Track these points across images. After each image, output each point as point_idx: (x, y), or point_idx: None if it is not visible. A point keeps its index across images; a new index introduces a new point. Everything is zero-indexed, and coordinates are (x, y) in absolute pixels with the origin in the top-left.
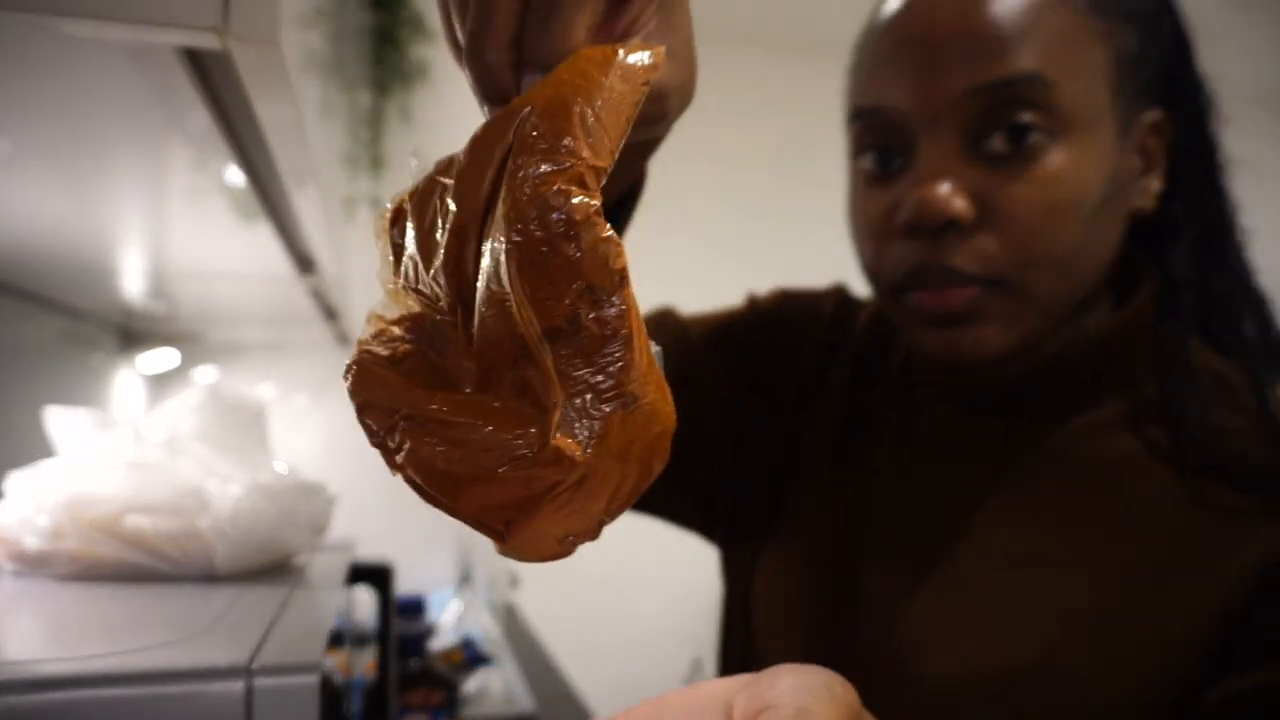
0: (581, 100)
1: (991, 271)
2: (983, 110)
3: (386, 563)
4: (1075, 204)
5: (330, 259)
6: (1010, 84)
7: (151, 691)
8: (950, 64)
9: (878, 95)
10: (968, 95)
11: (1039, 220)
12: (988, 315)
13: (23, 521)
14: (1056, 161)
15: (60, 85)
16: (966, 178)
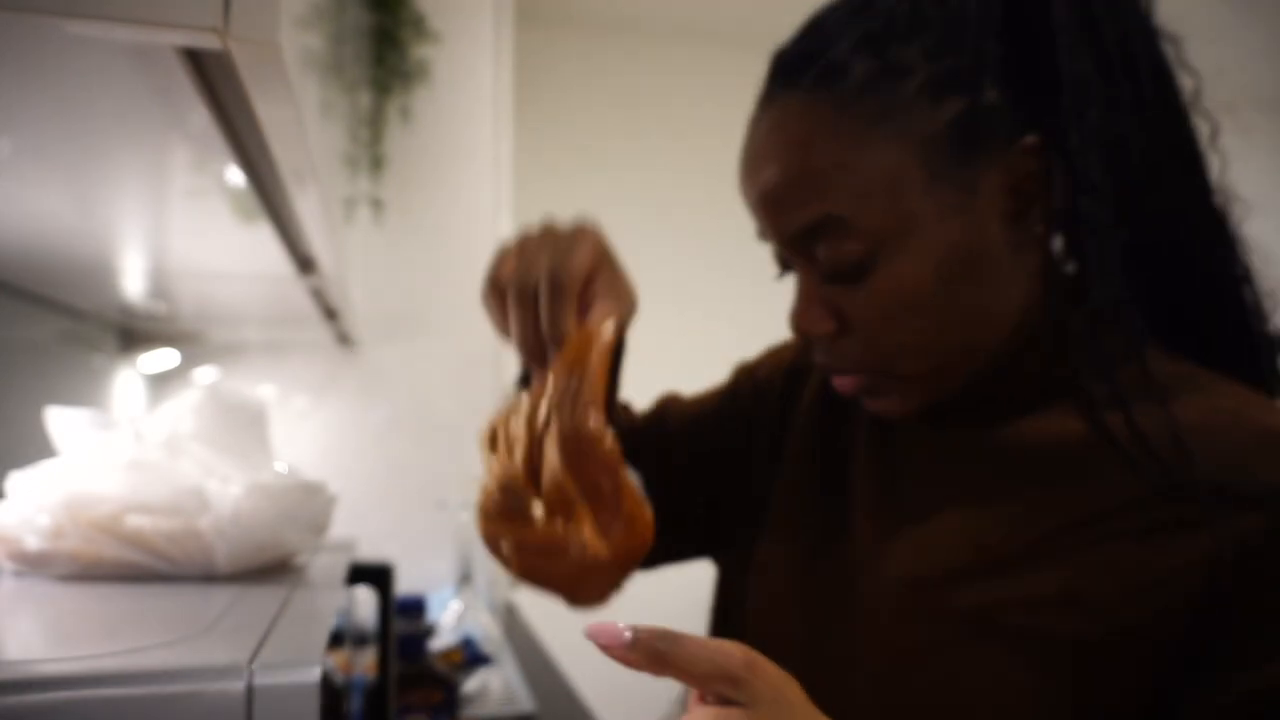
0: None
1: (862, 368)
2: (805, 251)
3: (387, 562)
4: (907, 306)
5: (330, 259)
6: (811, 230)
7: (152, 691)
8: (770, 219)
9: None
10: (790, 243)
11: (883, 325)
12: (882, 392)
13: (23, 521)
14: (880, 276)
15: (61, 85)
16: (824, 293)
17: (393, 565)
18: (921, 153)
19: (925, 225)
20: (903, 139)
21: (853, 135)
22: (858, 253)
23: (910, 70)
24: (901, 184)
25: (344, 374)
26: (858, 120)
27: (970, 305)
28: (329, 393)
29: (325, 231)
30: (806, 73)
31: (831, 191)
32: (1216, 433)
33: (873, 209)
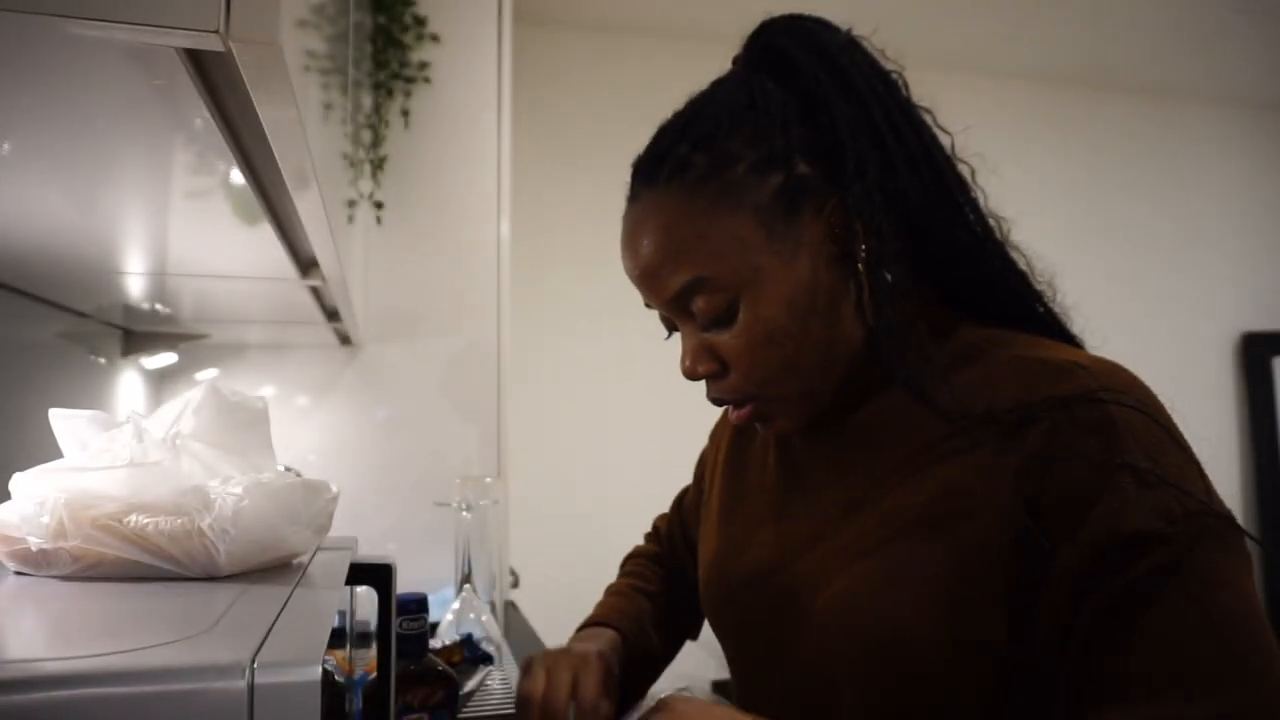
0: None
1: (744, 397)
2: (680, 311)
3: (387, 561)
4: (768, 338)
5: (331, 260)
6: (685, 291)
7: (154, 689)
8: (650, 288)
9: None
10: (668, 303)
11: (750, 359)
12: (769, 415)
13: (25, 520)
14: (744, 319)
15: (63, 86)
16: (702, 340)
17: (393, 564)
18: (758, 217)
19: (772, 273)
20: (742, 209)
21: (703, 212)
22: (724, 302)
23: (737, 158)
24: (747, 243)
25: (345, 374)
26: (704, 200)
27: (818, 331)
28: (330, 393)
29: (326, 232)
30: (659, 172)
31: (695, 258)
32: (1013, 373)
33: (729, 266)
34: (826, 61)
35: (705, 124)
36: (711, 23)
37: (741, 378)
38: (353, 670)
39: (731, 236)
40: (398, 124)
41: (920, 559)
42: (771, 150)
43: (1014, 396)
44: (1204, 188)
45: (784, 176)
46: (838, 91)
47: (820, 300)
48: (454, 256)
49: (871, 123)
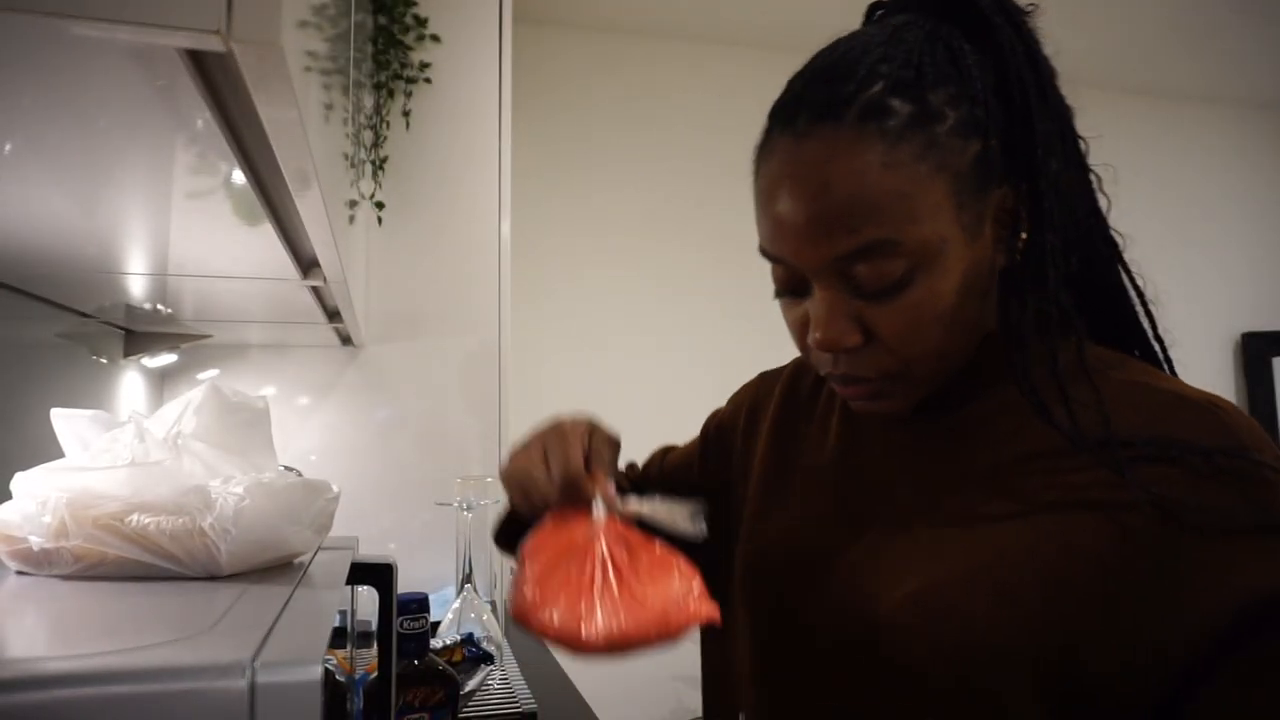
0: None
1: (882, 373)
2: (845, 270)
3: (388, 561)
4: (936, 316)
5: (333, 260)
6: (862, 252)
7: (155, 689)
8: (813, 243)
9: (771, 249)
10: (832, 264)
11: (910, 335)
12: (887, 395)
13: (27, 520)
14: (915, 291)
15: (64, 86)
16: (851, 308)
17: (394, 564)
18: (954, 185)
19: (955, 247)
20: (942, 173)
21: (906, 168)
22: (899, 271)
23: (942, 114)
24: (940, 211)
25: (346, 374)
26: (908, 154)
27: (972, 315)
28: (331, 392)
29: (328, 233)
30: (848, 110)
31: (889, 217)
32: (1134, 398)
33: (920, 233)
34: (1016, 29)
35: (904, 69)
36: (711, 24)
37: (891, 354)
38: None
39: (929, 200)
40: (399, 124)
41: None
42: (973, 115)
43: (1134, 425)
44: (1203, 188)
45: (981, 146)
46: (1031, 69)
47: (983, 283)
48: (455, 257)
49: (1050, 108)
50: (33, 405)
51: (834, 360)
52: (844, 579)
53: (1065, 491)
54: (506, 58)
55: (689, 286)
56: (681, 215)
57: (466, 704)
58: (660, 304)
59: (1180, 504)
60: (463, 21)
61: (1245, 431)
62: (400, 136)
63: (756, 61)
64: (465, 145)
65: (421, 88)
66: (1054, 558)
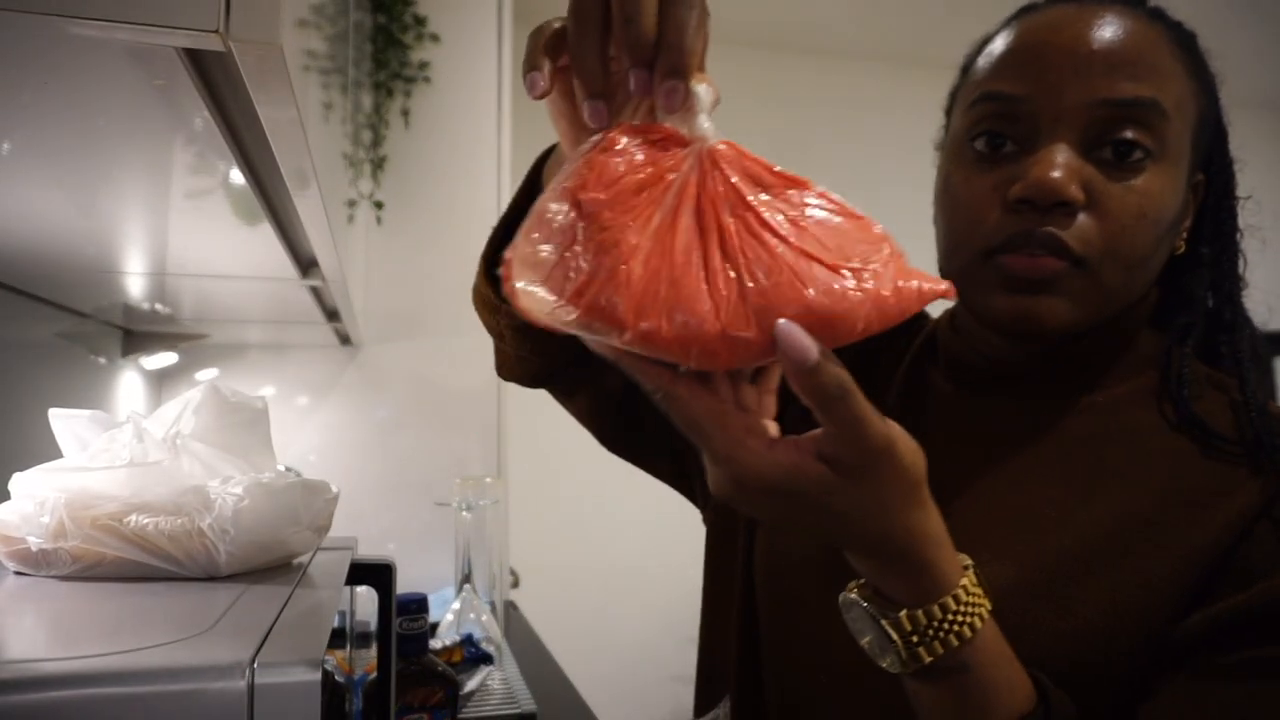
0: None
1: (1083, 251)
2: (1104, 120)
3: (387, 561)
4: (1157, 218)
5: (332, 260)
6: (1135, 104)
7: (154, 689)
8: (1086, 76)
9: (1012, 85)
10: (1096, 105)
11: (1131, 222)
12: (1064, 289)
13: (25, 520)
14: (1151, 180)
15: (62, 86)
16: (1079, 170)
17: (393, 564)
18: (1196, 122)
19: (1179, 173)
20: (1194, 102)
21: (1182, 71)
22: (1148, 148)
23: (1202, 63)
24: (1186, 129)
25: (345, 374)
26: (1185, 64)
27: (1159, 257)
28: (330, 392)
29: (326, 232)
30: (1141, 6)
31: (1167, 89)
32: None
33: (1178, 125)
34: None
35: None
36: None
37: (1108, 233)
38: (353, 670)
39: (1188, 108)
40: (398, 124)
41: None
42: (1203, 83)
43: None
44: None
45: (1202, 110)
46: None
47: (1170, 232)
48: (454, 256)
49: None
50: (31, 405)
51: (1040, 217)
52: None
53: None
54: (506, 57)
55: None
56: None
57: (466, 704)
58: None
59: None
60: (462, 21)
61: None
62: (399, 136)
63: (756, 61)
64: (464, 145)
65: (420, 87)
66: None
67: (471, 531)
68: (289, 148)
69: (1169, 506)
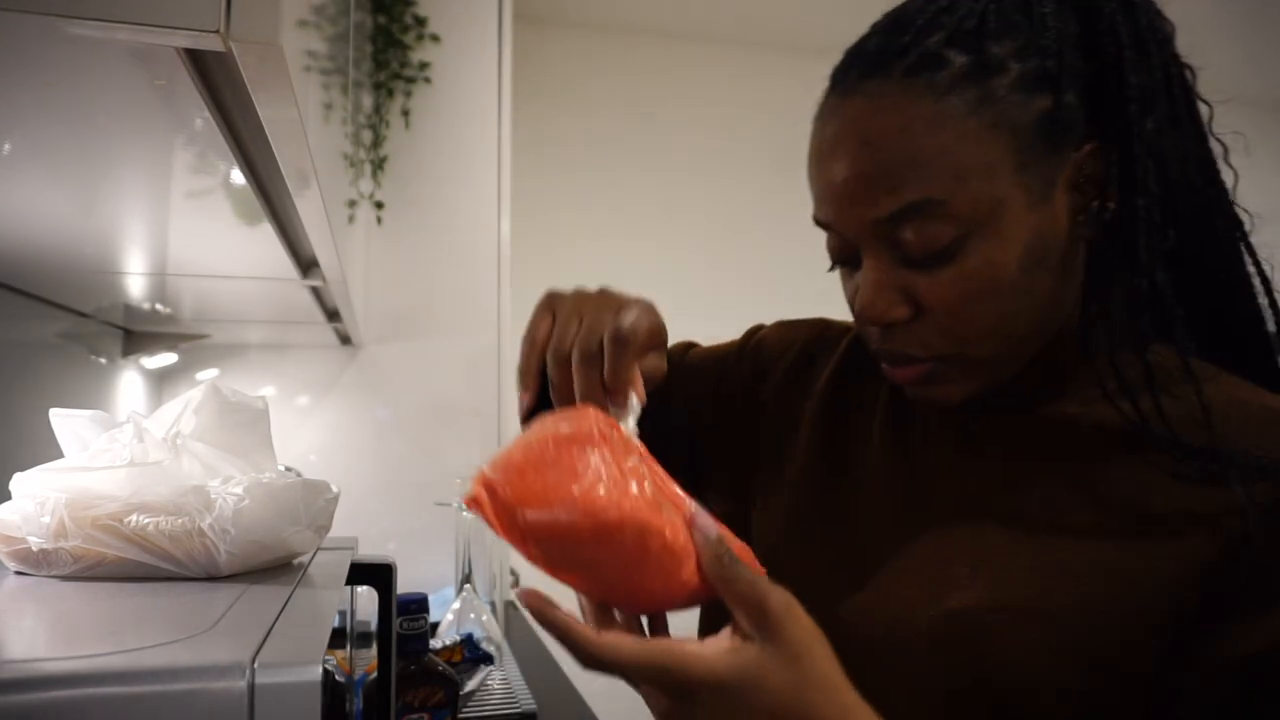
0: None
1: (933, 352)
2: (888, 234)
3: (388, 561)
4: (992, 289)
5: (332, 260)
6: (905, 212)
7: (154, 689)
8: (854, 203)
9: (820, 214)
10: (875, 225)
11: (962, 309)
12: (943, 377)
13: (26, 520)
14: (968, 259)
15: (64, 86)
16: (899, 278)
17: (394, 564)
18: (1014, 142)
19: (1014, 212)
20: (998, 129)
21: (951, 121)
22: (948, 236)
23: (1003, 66)
24: (995, 171)
25: (346, 374)
26: (955, 108)
27: (1042, 292)
28: (331, 392)
29: (327, 232)
30: (898, 64)
31: (932, 174)
32: (1228, 413)
33: (969, 193)
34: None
35: (965, 18)
36: (710, 23)
37: (940, 329)
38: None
39: (980, 158)
40: (398, 124)
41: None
42: (1043, 67)
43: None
44: None
45: (1052, 101)
46: (1127, 21)
47: (1055, 255)
48: (454, 256)
49: (1151, 63)
50: (32, 405)
51: (882, 335)
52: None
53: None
54: (506, 57)
55: (689, 284)
56: (682, 213)
57: (466, 704)
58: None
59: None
60: (462, 21)
61: None
62: (399, 136)
63: (757, 61)
64: (465, 145)
65: (421, 87)
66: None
67: (472, 531)
68: (289, 148)
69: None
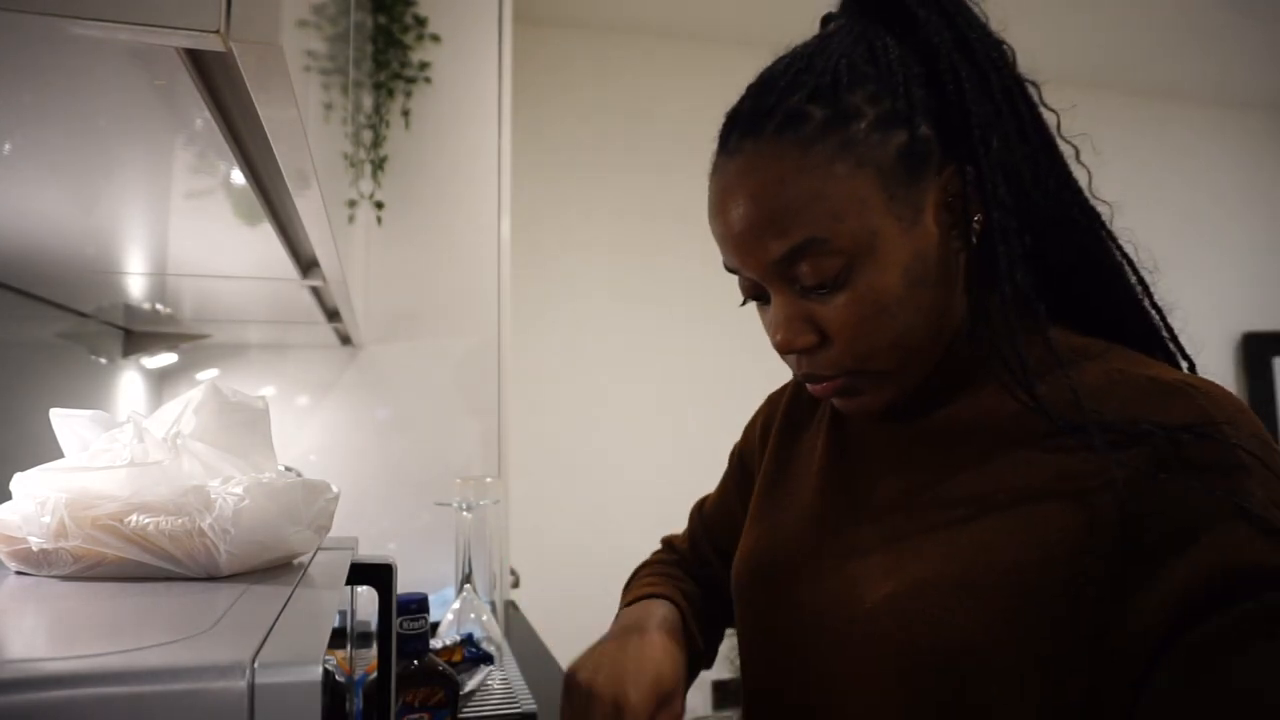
0: None
1: (842, 369)
2: (783, 273)
3: (388, 561)
4: (881, 309)
5: (332, 260)
6: (794, 253)
7: (154, 689)
8: (749, 250)
9: (725, 260)
10: (770, 266)
11: (858, 330)
12: (857, 390)
13: (26, 520)
14: (856, 285)
15: (64, 86)
16: (802, 309)
17: (394, 564)
18: (879, 178)
19: (890, 238)
20: (863, 167)
21: (821, 168)
22: (836, 267)
23: (859, 113)
24: (867, 204)
25: (346, 374)
26: (822, 156)
27: (929, 304)
28: (331, 393)
29: (327, 232)
30: (768, 123)
31: (810, 218)
32: (1112, 387)
33: (847, 228)
34: (945, 18)
35: (821, 75)
36: (710, 23)
37: (844, 350)
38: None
39: (851, 196)
40: (398, 124)
41: (997, 569)
42: (894, 108)
43: (1109, 410)
44: (1203, 188)
45: (907, 136)
46: (959, 52)
47: (934, 271)
48: (454, 256)
49: (990, 89)
50: (32, 405)
51: (798, 361)
52: (825, 582)
53: (1032, 481)
54: (506, 57)
55: (689, 285)
56: (682, 213)
57: (466, 704)
58: (660, 303)
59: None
60: (462, 21)
61: (1222, 411)
62: (400, 136)
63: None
64: (465, 145)
65: (421, 87)
66: (1020, 551)
67: (472, 531)
68: (290, 148)
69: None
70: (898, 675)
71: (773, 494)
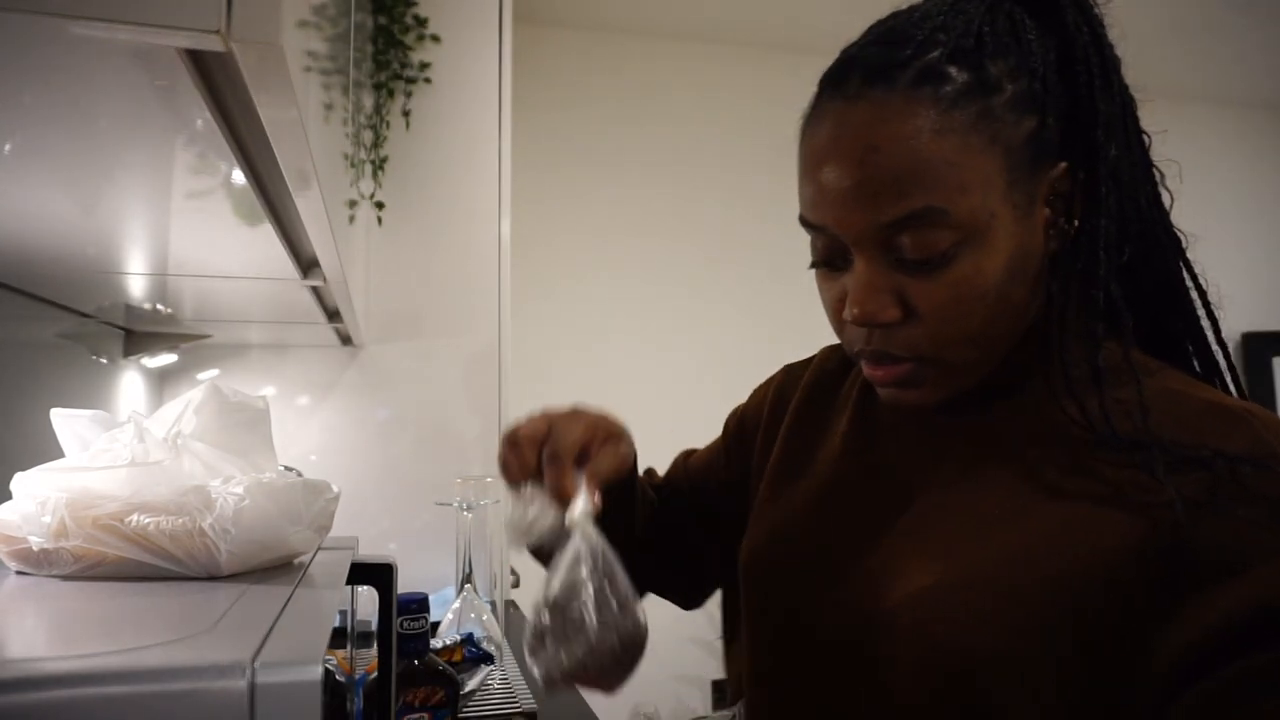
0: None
1: (917, 354)
2: (887, 240)
3: (388, 561)
4: (979, 295)
5: (333, 260)
6: (908, 219)
7: (155, 689)
8: (856, 206)
9: (813, 217)
10: (876, 230)
11: (951, 314)
12: (917, 380)
13: (26, 520)
14: (960, 266)
15: (64, 86)
16: (891, 281)
17: (394, 564)
18: (1006, 159)
19: (1004, 224)
20: (995, 145)
21: (959, 136)
22: (946, 243)
23: (1000, 86)
24: (991, 184)
25: (346, 374)
26: (961, 122)
27: (1017, 301)
28: (331, 392)
29: (328, 233)
30: (902, 74)
31: (937, 184)
32: (1168, 406)
33: (968, 203)
34: (1086, 14)
35: (964, 37)
36: (711, 24)
37: (930, 331)
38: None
39: (980, 171)
40: (399, 124)
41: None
42: (1031, 89)
43: (1166, 430)
44: (1203, 188)
45: (1038, 123)
46: (1096, 51)
47: (1031, 267)
48: (455, 257)
49: (1114, 93)
50: (33, 405)
51: (868, 336)
52: (848, 575)
53: (1083, 491)
54: (506, 58)
55: (689, 285)
56: (682, 214)
57: (466, 704)
58: (661, 302)
59: (1206, 508)
60: (463, 21)
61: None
62: (400, 136)
63: (756, 61)
64: (465, 145)
65: (421, 87)
66: (1065, 560)
67: (472, 531)
68: (290, 148)
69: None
70: (912, 675)
71: (789, 477)
